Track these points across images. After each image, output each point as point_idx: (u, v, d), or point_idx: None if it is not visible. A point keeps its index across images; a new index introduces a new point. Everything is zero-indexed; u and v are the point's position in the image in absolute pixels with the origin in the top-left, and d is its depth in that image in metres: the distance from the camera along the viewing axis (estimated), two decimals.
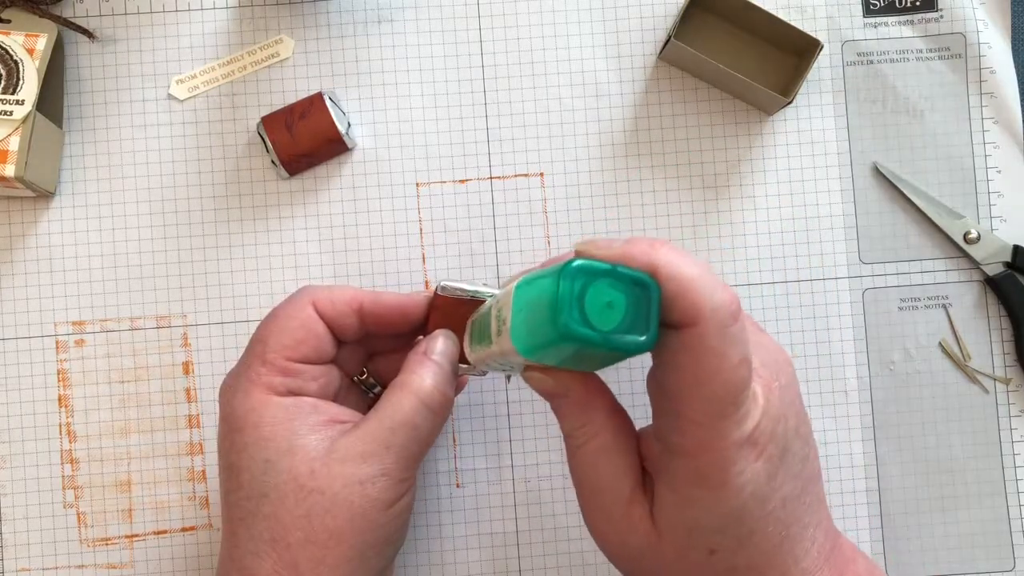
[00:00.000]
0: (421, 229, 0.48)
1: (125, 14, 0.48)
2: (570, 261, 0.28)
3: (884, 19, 0.49)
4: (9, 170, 0.43)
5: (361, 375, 0.42)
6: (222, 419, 0.38)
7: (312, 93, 0.46)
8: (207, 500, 0.47)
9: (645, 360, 0.32)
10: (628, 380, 0.48)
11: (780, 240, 0.48)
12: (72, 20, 0.47)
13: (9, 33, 0.44)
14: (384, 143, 0.48)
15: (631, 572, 0.35)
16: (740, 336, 0.29)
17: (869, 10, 0.49)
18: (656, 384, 0.32)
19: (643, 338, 0.28)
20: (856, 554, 0.36)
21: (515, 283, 0.31)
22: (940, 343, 0.48)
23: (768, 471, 0.31)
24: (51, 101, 0.46)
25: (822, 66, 0.48)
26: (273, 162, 0.46)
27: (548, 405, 0.35)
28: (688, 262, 0.29)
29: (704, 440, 0.30)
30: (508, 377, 0.42)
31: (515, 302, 0.30)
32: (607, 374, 0.34)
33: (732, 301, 0.29)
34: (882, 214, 0.48)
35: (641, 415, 0.36)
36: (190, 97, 0.48)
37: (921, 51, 0.49)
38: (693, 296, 0.28)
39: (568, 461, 0.35)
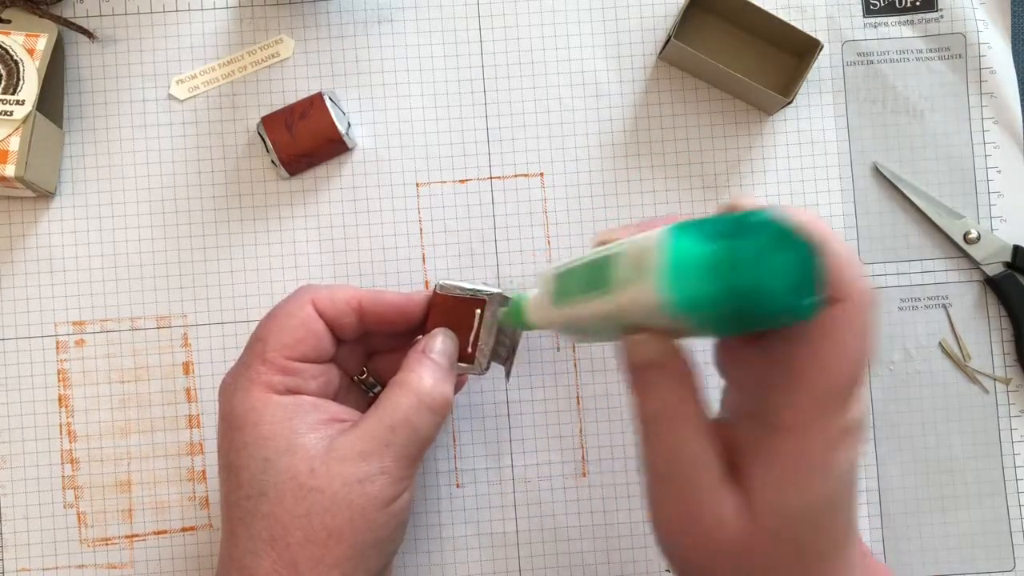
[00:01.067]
0: (421, 229, 0.48)
1: (125, 14, 0.48)
2: (754, 213, 0.27)
3: (884, 19, 0.49)
4: (9, 170, 0.43)
5: (361, 374, 0.42)
6: (221, 418, 0.38)
7: (312, 93, 0.46)
8: (207, 500, 0.47)
9: None
10: None
11: None
12: (72, 20, 0.47)
13: (9, 33, 0.44)
14: (384, 143, 0.48)
15: (703, 571, 0.33)
16: (875, 324, 0.30)
17: (869, 10, 0.49)
18: (764, 360, 0.31)
19: (811, 303, 0.27)
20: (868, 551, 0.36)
21: (661, 230, 0.29)
22: (940, 343, 0.48)
23: (854, 460, 0.31)
24: (51, 101, 0.46)
25: (822, 66, 0.48)
26: (273, 162, 0.46)
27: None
28: (843, 242, 0.29)
29: (818, 419, 0.29)
30: (507, 374, 0.42)
31: (672, 251, 0.28)
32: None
33: (873, 287, 0.30)
34: (882, 214, 0.48)
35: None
36: (190, 97, 0.48)
37: (921, 51, 0.49)
38: (849, 275, 0.29)
39: (649, 448, 0.32)
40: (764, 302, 0.26)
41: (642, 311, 0.29)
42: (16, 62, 0.44)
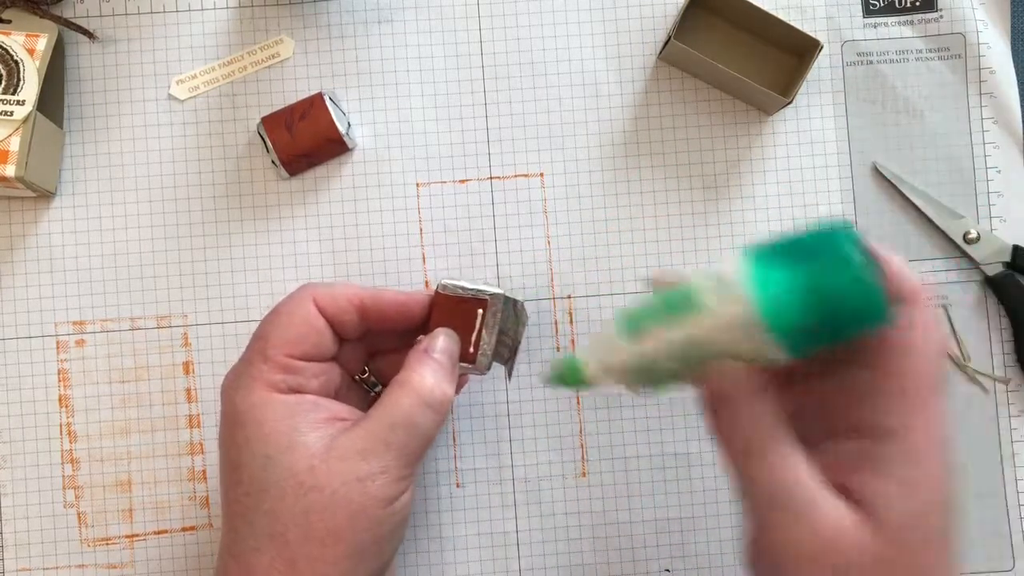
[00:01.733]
0: (421, 229, 0.48)
1: (125, 14, 0.48)
2: (836, 224, 0.30)
3: (884, 19, 0.49)
4: (10, 170, 0.43)
5: (362, 373, 0.42)
6: (223, 415, 0.38)
7: (312, 93, 0.47)
8: (207, 500, 0.47)
9: None
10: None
11: None
12: (72, 20, 0.47)
13: (9, 33, 0.44)
14: (384, 143, 0.48)
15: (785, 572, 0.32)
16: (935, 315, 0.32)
17: (869, 10, 0.49)
18: (846, 374, 0.32)
19: (890, 309, 0.30)
20: None
21: (735, 255, 0.31)
22: None
23: (953, 456, 0.32)
24: (51, 101, 0.46)
25: (822, 66, 0.48)
26: (273, 162, 0.46)
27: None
28: (891, 252, 0.32)
29: (921, 417, 0.31)
30: (509, 373, 0.42)
31: (754, 266, 0.31)
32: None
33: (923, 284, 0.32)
34: (882, 214, 0.48)
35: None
36: (190, 97, 0.48)
37: (921, 51, 0.49)
38: (909, 276, 0.31)
39: (752, 475, 0.32)
40: (853, 318, 0.29)
41: (727, 329, 0.31)
42: (16, 62, 0.44)
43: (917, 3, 0.49)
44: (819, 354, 0.32)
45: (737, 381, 0.32)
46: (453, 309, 0.40)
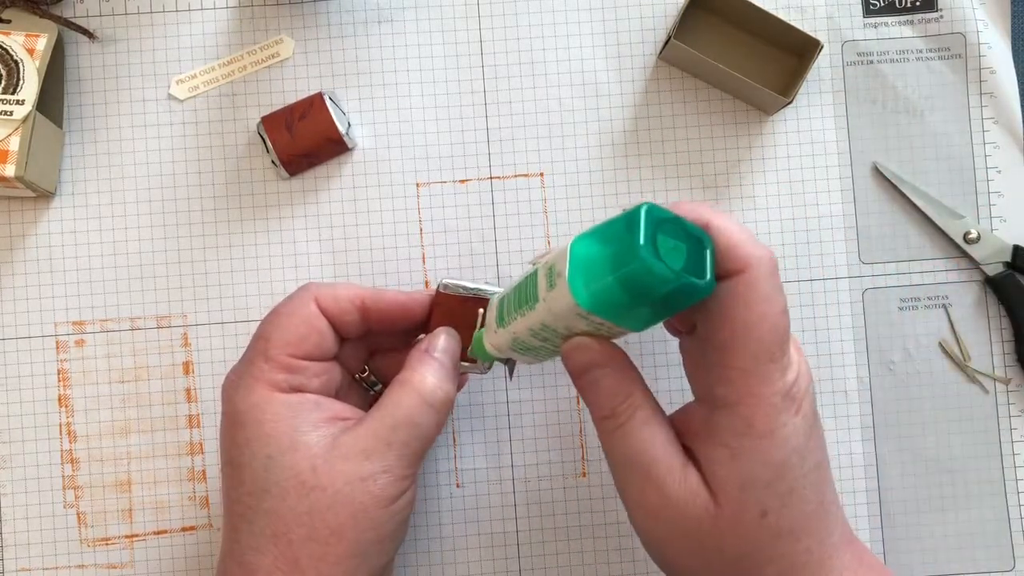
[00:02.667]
0: (421, 229, 0.48)
1: (125, 14, 0.48)
2: (640, 206, 0.30)
3: (884, 19, 0.49)
4: (9, 170, 0.43)
5: (363, 372, 0.42)
6: (224, 415, 0.38)
7: (312, 93, 0.46)
8: (207, 500, 0.47)
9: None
10: None
11: (780, 240, 0.48)
12: (72, 20, 0.47)
13: (9, 33, 0.44)
14: (384, 143, 0.48)
15: (681, 554, 0.34)
16: (780, 287, 0.32)
17: (869, 10, 0.49)
18: (697, 346, 0.34)
19: (706, 279, 0.31)
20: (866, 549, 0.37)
21: (569, 241, 0.32)
22: (940, 343, 0.48)
23: (805, 429, 0.32)
24: (51, 101, 0.46)
25: (822, 66, 0.48)
26: (273, 162, 0.46)
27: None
28: (733, 219, 0.32)
29: (753, 387, 0.31)
30: (510, 373, 0.42)
31: (573, 254, 0.31)
32: None
33: (772, 254, 0.32)
34: (882, 214, 0.48)
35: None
36: (190, 97, 0.48)
37: (921, 51, 0.49)
38: (743, 246, 0.31)
39: (608, 442, 0.35)
40: (666, 283, 0.29)
41: (565, 315, 0.32)
42: (16, 62, 0.44)
43: (917, 3, 0.49)
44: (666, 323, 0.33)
45: (592, 355, 0.33)
46: (454, 309, 0.41)
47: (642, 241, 0.29)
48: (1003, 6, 0.49)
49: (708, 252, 0.31)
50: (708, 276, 0.31)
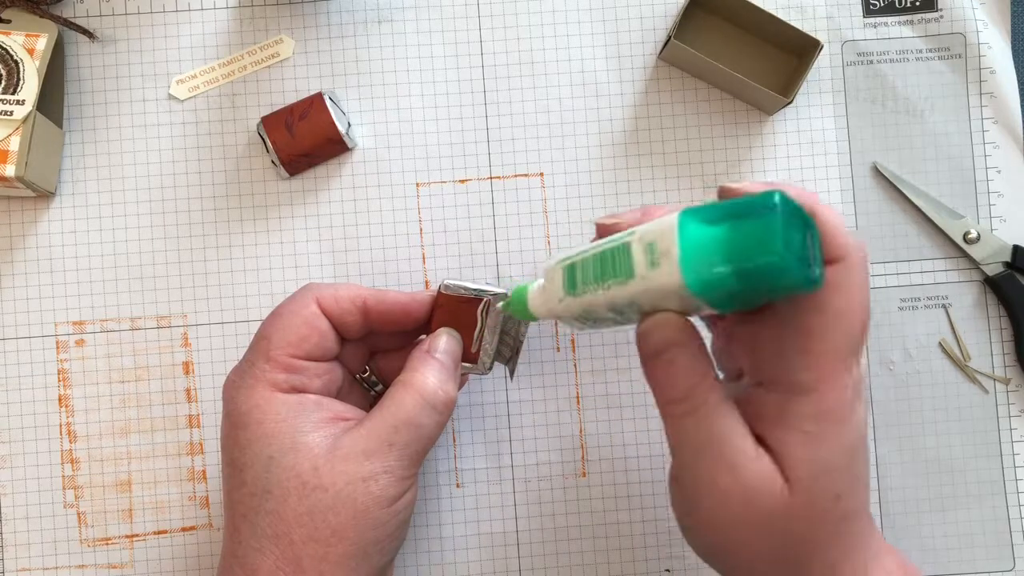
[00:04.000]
0: (421, 229, 0.48)
1: (125, 14, 0.48)
2: (772, 194, 0.29)
3: (884, 19, 0.49)
4: (9, 170, 0.43)
5: (364, 373, 0.42)
6: (225, 416, 0.38)
7: (312, 93, 0.46)
8: (207, 500, 0.47)
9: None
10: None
11: None
12: (72, 20, 0.47)
13: (9, 33, 0.44)
14: (384, 143, 0.48)
15: (747, 541, 0.33)
16: (869, 277, 0.32)
17: (869, 10, 0.49)
18: (765, 331, 0.33)
19: (819, 272, 0.30)
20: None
21: (673, 216, 0.31)
22: (940, 343, 0.48)
23: (865, 417, 0.33)
24: (51, 101, 0.46)
25: (822, 66, 0.48)
26: (273, 162, 0.46)
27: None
28: (831, 207, 0.32)
29: (837, 374, 0.31)
30: (511, 373, 0.42)
31: (684, 235, 0.30)
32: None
33: (865, 244, 0.33)
34: (882, 214, 0.48)
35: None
36: (190, 97, 0.48)
37: (921, 51, 0.49)
38: (842, 235, 0.31)
39: (677, 427, 0.33)
40: (777, 277, 0.28)
41: (662, 295, 0.31)
42: (16, 62, 0.44)
43: (917, 3, 0.49)
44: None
45: (671, 333, 0.33)
46: (455, 309, 0.41)
47: (781, 238, 0.28)
48: (1003, 6, 0.49)
49: (818, 241, 0.31)
50: (820, 268, 0.30)
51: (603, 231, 0.36)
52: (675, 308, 0.32)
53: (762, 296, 0.31)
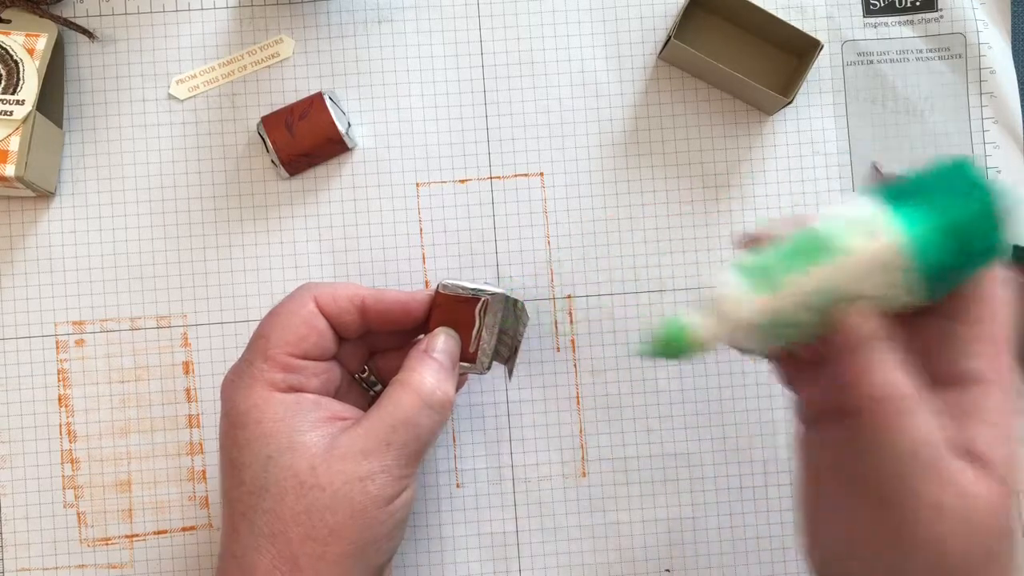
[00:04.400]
0: (421, 229, 0.48)
1: (125, 14, 0.48)
2: (968, 166, 0.31)
3: (884, 19, 0.49)
4: (9, 170, 0.43)
5: (362, 372, 0.42)
6: (223, 415, 0.38)
7: (312, 93, 0.46)
8: (207, 500, 0.47)
9: None
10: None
11: None
12: (72, 20, 0.47)
13: (9, 33, 0.44)
14: (384, 143, 0.48)
15: (959, 548, 0.30)
16: None
17: (869, 10, 0.49)
18: (937, 328, 0.33)
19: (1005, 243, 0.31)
20: None
21: (866, 197, 0.32)
22: None
23: None
24: (51, 101, 0.46)
25: (822, 66, 0.48)
26: (273, 162, 0.46)
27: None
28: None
29: (1009, 363, 0.32)
30: (510, 373, 0.42)
31: (899, 211, 0.31)
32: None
33: None
34: None
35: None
36: (190, 97, 0.48)
37: (921, 51, 0.49)
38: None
39: (883, 430, 0.30)
40: (983, 251, 0.30)
41: (874, 277, 0.31)
42: (16, 62, 0.44)
43: (917, 3, 0.49)
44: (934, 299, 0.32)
45: (873, 327, 0.31)
46: (454, 309, 0.41)
47: (987, 190, 0.30)
48: (1003, 6, 0.49)
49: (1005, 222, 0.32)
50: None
51: (753, 242, 0.34)
52: (877, 294, 0.31)
53: (964, 269, 0.31)
